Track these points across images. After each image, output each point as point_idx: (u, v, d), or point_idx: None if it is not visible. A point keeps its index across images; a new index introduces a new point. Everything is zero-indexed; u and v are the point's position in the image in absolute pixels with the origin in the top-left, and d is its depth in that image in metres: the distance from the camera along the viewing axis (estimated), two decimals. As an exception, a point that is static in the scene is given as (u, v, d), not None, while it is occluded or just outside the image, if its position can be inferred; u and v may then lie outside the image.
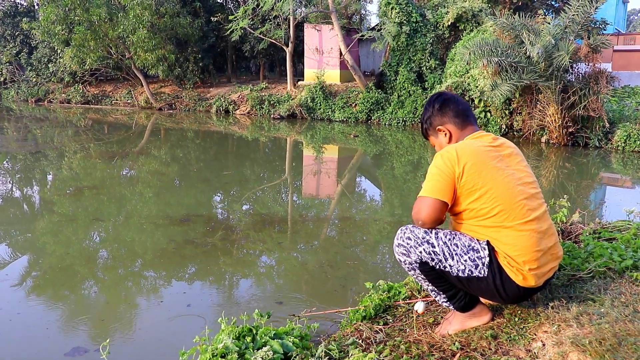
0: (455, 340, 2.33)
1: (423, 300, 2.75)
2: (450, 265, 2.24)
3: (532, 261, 2.19)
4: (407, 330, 2.59)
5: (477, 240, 2.26)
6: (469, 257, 2.23)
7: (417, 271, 2.31)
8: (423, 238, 2.25)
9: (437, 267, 2.26)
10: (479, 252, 2.23)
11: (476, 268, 2.23)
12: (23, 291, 4.39)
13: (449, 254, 2.23)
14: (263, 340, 2.52)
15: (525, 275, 2.21)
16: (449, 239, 2.25)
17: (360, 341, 2.51)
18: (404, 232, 2.30)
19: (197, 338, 2.60)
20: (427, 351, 2.31)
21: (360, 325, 2.72)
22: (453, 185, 2.21)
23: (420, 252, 2.25)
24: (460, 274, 2.24)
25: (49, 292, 4.40)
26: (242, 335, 2.57)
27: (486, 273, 2.23)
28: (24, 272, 4.82)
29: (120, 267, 5.00)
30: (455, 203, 2.25)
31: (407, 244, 2.27)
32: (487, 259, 2.22)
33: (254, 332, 2.60)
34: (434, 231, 2.27)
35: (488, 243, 2.24)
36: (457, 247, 2.24)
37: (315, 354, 2.44)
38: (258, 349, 2.46)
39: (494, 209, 2.19)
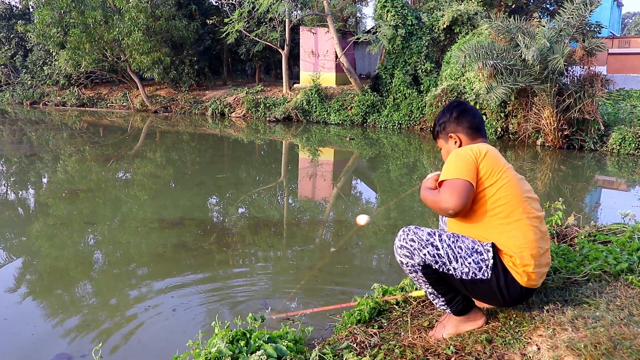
0: (450, 344, 2.32)
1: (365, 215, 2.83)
2: (454, 268, 2.23)
3: (537, 256, 2.23)
4: (402, 334, 2.57)
5: (481, 242, 2.26)
6: (472, 260, 2.22)
7: (419, 274, 2.28)
8: (427, 240, 2.23)
9: (441, 269, 2.24)
10: (483, 254, 2.23)
11: (480, 270, 2.22)
12: (12, 296, 4.32)
13: (453, 256, 2.22)
14: (257, 344, 2.51)
15: (529, 272, 2.22)
16: (453, 242, 2.24)
17: (354, 345, 2.50)
18: (407, 234, 2.26)
19: (190, 342, 2.58)
20: (422, 355, 2.30)
21: (354, 328, 2.70)
22: (476, 168, 2.25)
23: (425, 255, 2.22)
24: (464, 276, 2.23)
25: (38, 297, 4.33)
26: (236, 339, 2.55)
27: (489, 275, 2.23)
28: (14, 277, 4.76)
29: (110, 271, 4.94)
30: None
31: (411, 246, 2.24)
32: (491, 261, 2.22)
33: (248, 336, 2.58)
34: (437, 233, 2.25)
35: (493, 245, 2.25)
36: (462, 249, 2.23)
37: (309, 358, 2.42)
38: (252, 353, 2.44)
39: (505, 197, 2.23)
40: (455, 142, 2.50)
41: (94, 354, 2.55)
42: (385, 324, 2.76)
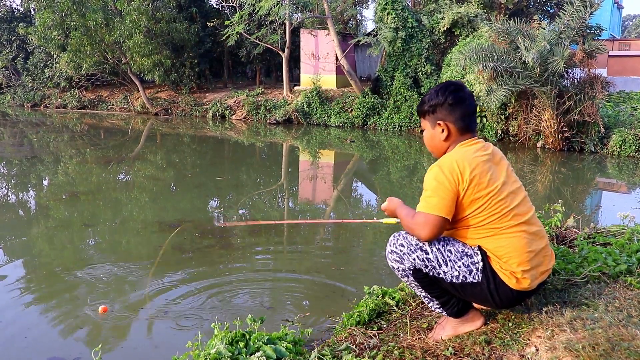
0: (449, 346, 2.32)
1: None
2: (444, 272, 2.23)
3: (525, 262, 2.19)
4: (401, 335, 2.57)
5: (470, 246, 2.26)
6: (462, 263, 2.22)
7: (411, 278, 2.30)
8: (417, 245, 2.24)
9: (431, 273, 2.24)
10: (472, 257, 2.23)
11: (470, 274, 2.22)
12: (5, 298, 4.26)
13: (442, 260, 2.22)
14: (256, 346, 2.51)
15: (518, 278, 2.20)
16: (442, 245, 2.24)
17: (353, 346, 2.50)
18: (397, 239, 2.28)
19: (189, 343, 2.58)
20: (421, 357, 2.30)
21: (353, 330, 2.70)
22: (455, 202, 2.17)
23: (414, 259, 2.23)
24: (455, 280, 2.23)
25: (33, 299, 4.26)
26: (236, 340, 2.56)
27: (480, 278, 2.22)
28: (9, 278, 4.71)
29: (106, 273, 4.88)
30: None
31: (401, 250, 2.26)
32: (481, 264, 2.22)
33: (247, 337, 2.58)
34: None
35: (480, 248, 2.24)
36: (451, 253, 2.23)
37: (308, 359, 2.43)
38: (251, 355, 2.45)
39: (487, 218, 2.19)
40: (443, 130, 2.32)
41: (94, 355, 2.55)
42: (385, 326, 2.76)
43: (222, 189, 9.02)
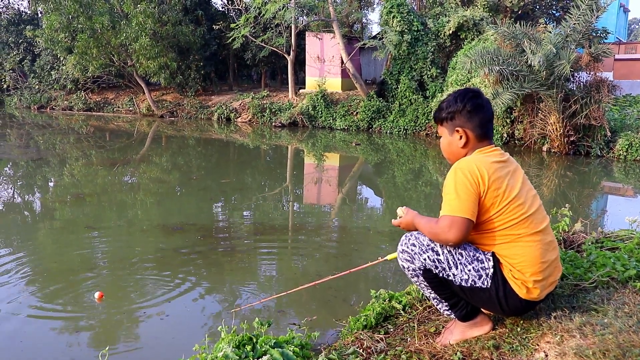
0: (457, 350, 2.30)
1: None
2: (453, 274, 2.23)
3: (538, 273, 2.18)
4: (409, 339, 2.56)
5: (482, 251, 2.25)
6: (472, 267, 2.22)
7: (420, 278, 2.30)
8: (428, 245, 2.24)
9: (441, 274, 2.24)
10: (484, 262, 2.22)
11: (479, 279, 2.21)
12: (6, 300, 4.25)
13: (453, 262, 2.22)
14: (263, 349, 2.50)
15: (529, 288, 2.19)
16: (454, 248, 2.23)
17: (361, 350, 2.49)
18: (409, 239, 2.29)
19: (196, 346, 2.58)
20: (429, 361, 2.29)
21: (360, 334, 2.69)
22: (478, 203, 2.16)
23: (425, 259, 2.23)
24: (463, 283, 2.23)
25: (33, 301, 4.26)
26: (243, 343, 2.55)
27: (489, 284, 2.22)
28: (10, 279, 4.69)
29: (107, 276, 4.84)
30: None
31: (412, 250, 2.26)
32: (491, 270, 2.21)
33: (254, 340, 2.58)
34: None
35: (493, 255, 2.23)
36: (462, 256, 2.23)
37: (315, 364, 2.42)
38: (258, 358, 2.44)
39: (505, 224, 2.18)
40: (461, 137, 2.33)
41: (101, 357, 2.55)
42: (392, 330, 2.75)
43: (227, 191, 9.03)
